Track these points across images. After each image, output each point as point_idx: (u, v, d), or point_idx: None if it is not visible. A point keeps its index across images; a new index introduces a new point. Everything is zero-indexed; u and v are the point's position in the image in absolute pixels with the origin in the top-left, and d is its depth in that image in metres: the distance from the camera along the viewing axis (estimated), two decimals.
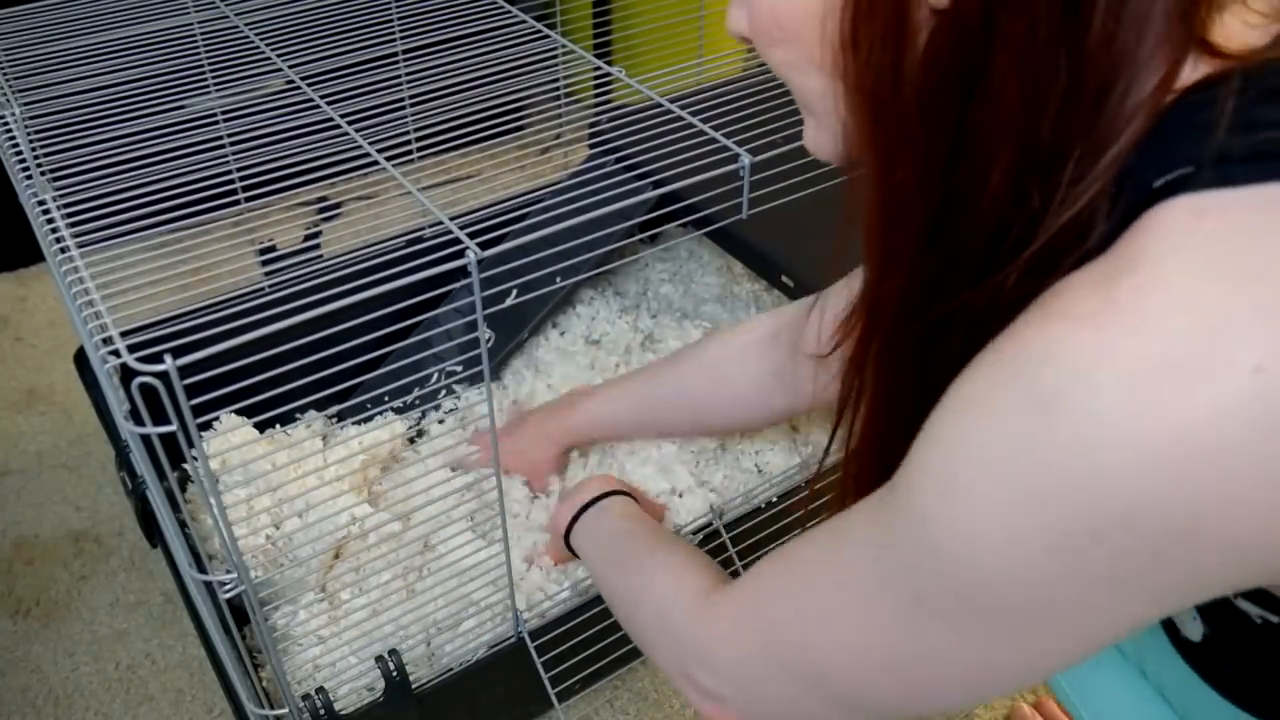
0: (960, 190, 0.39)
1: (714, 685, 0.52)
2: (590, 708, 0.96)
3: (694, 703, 0.54)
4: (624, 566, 0.69)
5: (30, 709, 0.98)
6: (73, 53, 0.96)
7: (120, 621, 1.06)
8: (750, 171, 0.67)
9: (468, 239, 0.60)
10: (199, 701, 0.99)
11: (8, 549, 1.14)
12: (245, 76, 0.97)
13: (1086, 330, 0.33)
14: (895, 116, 0.40)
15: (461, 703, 0.84)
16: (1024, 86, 0.36)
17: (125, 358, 0.51)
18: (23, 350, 1.43)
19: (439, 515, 0.80)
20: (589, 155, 1.19)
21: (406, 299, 0.59)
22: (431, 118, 1.01)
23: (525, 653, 0.82)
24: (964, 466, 0.35)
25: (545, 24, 1.00)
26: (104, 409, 1.01)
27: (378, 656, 0.75)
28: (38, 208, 0.69)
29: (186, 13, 1.02)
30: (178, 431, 0.52)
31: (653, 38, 1.38)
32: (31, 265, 1.57)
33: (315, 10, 1.06)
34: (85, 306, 0.59)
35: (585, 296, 1.20)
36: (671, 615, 0.57)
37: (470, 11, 1.07)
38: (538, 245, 0.68)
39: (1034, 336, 0.34)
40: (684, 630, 0.55)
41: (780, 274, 1.06)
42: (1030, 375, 0.33)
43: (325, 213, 1.56)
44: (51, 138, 0.85)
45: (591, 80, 1.59)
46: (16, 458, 1.25)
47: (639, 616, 0.62)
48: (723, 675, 0.51)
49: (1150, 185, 0.34)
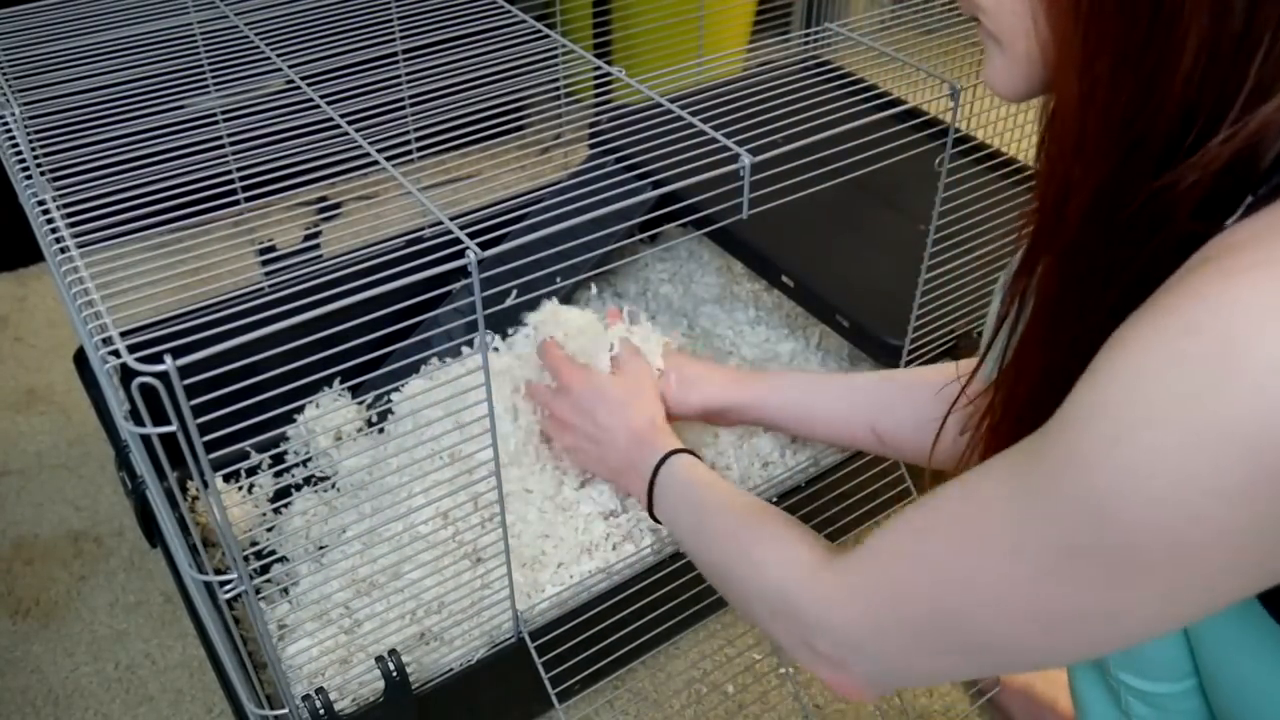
0: (1153, 72, 0.39)
1: (838, 653, 0.52)
2: (590, 708, 0.96)
3: (816, 671, 0.54)
4: (721, 540, 0.68)
5: (30, 709, 0.98)
6: (72, 53, 0.96)
7: (120, 622, 1.06)
8: (750, 171, 0.67)
9: (468, 239, 0.60)
10: (199, 701, 0.99)
11: (7, 549, 1.14)
12: (245, 76, 0.97)
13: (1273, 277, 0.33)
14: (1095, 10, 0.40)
15: (461, 703, 0.84)
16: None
17: (125, 358, 0.51)
18: (22, 350, 1.43)
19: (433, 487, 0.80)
20: (589, 155, 1.20)
21: (406, 299, 0.59)
22: (431, 118, 1.01)
23: (525, 653, 0.82)
24: (1139, 408, 0.35)
25: (545, 24, 1.00)
26: (104, 409, 1.01)
27: (378, 657, 0.75)
28: (37, 208, 0.68)
29: (186, 13, 1.02)
30: (178, 432, 0.52)
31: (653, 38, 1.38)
32: (31, 265, 1.57)
33: (315, 10, 1.06)
34: (85, 306, 0.59)
35: (585, 296, 1.20)
36: (789, 589, 0.57)
37: (470, 11, 1.07)
38: (538, 245, 0.68)
39: (1216, 279, 0.35)
40: (804, 603, 0.55)
41: (780, 274, 1.06)
42: (1213, 320, 0.34)
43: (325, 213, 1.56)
44: (51, 138, 0.85)
45: (591, 80, 1.59)
46: (16, 458, 1.25)
47: (749, 593, 0.62)
48: (848, 643, 0.51)
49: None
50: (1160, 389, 0.35)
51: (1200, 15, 0.38)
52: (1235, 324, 0.33)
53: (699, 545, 0.72)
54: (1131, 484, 0.35)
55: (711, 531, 0.70)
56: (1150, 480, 0.35)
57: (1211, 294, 0.35)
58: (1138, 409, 0.35)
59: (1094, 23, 0.41)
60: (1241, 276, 0.34)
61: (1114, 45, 0.40)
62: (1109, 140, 0.42)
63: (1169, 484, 0.35)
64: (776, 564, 0.59)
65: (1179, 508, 0.35)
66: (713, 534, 0.70)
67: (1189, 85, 0.39)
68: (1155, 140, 0.40)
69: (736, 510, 0.69)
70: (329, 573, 0.88)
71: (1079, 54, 0.42)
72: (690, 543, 0.74)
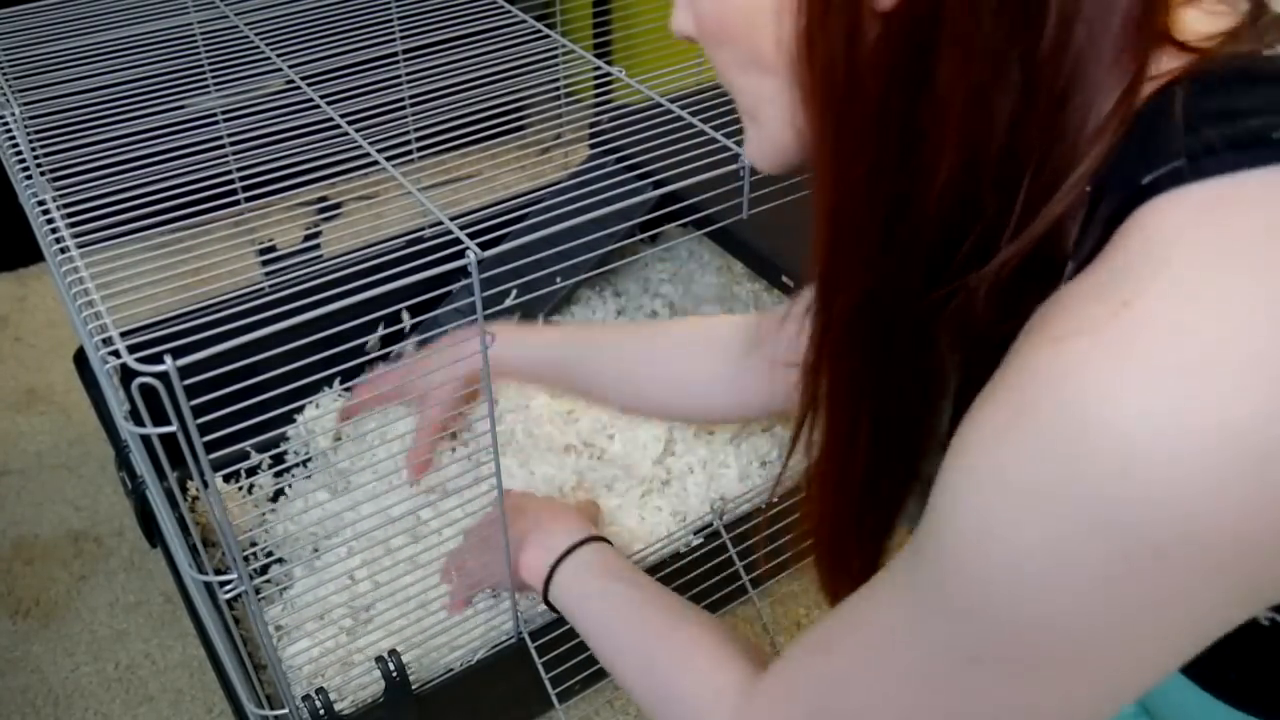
0: (909, 191, 0.38)
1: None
2: (590, 708, 0.96)
3: None
4: (636, 653, 0.64)
5: (30, 709, 0.98)
6: (72, 53, 0.96)
7: (120, 622, 1.06)
8: (750, 171, 0.67)
9: (468, 239, 0.60)
10: (199, 701, 0.99)
11: (7, 549, 1.14)
12: (245, 76, 0.97)
13: (1103, 343, 0.31)
14: (849, 115, 0.39)
15: (461, 703, 0.84)
16: (971, 91, 0.36)
17: (125, 358, 0.51)
18: (22, 350, 1.43)
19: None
20: (589, 155, 1.19)
21: (406, 299, 0.59)
22: (432, 118, 1.01)
23: (525, 653, 0.82)
24: (1000, 508, 0.33)
25: (545, 24, 1.00)
26: (104, 409, 1.01)
27: (378, 657, 0.75)
28: (37, 208, 0.69)
29: (186, 13, 1.02)
30: (178, 432, 0.52)
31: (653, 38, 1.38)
32: (31, 265, 1.57)
33: (315, 10, 1.06)
34: (85, 307, 0.59)
35: (585, 296, 1.20)
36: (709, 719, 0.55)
37: (470, 11, 1.07)
38: (538, 245, 0.68)
39: (1048, 358, 0.32)
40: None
41: (780, 274, 1.06)
42: (1055, 401, 0.31)
43: (325, 213, 1.56)
44: (51, 138, 0.85)
45: (591, 80, 1.59)
46: (16, 458, 1.25)
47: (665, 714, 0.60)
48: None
49: (1138, 183, 0.33)
50: (1013, 481, 0.32)
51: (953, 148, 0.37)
52: (1071, 397, 0.31)
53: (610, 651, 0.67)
54: (1008, 585, 0.33)
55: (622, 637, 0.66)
56: (1026, 578, 0.33)
57: (1041, 368, 0.32)
58: (996, 509, 0.33)
59: (846, 136, 0.40)
60: (1067, 344, 0.32)
61: (867, 158, 0.39)
62: (869, 255, 0.41)
63: (1045, 577, 0.32)
64: (694, 691, 0.57)
65: (1059, 598, 0.33)
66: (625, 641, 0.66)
67: (944, 207, 0.38)
68: (919, 256, 0.39)
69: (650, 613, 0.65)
70: (328, 573, 0.88)
71: (832, 163, 0.41)
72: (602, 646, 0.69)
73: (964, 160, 0.37)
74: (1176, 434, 0.30)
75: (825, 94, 0.40)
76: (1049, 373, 0.32)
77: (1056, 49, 0.34)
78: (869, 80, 0.38)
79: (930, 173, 0.37)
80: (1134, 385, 0.30)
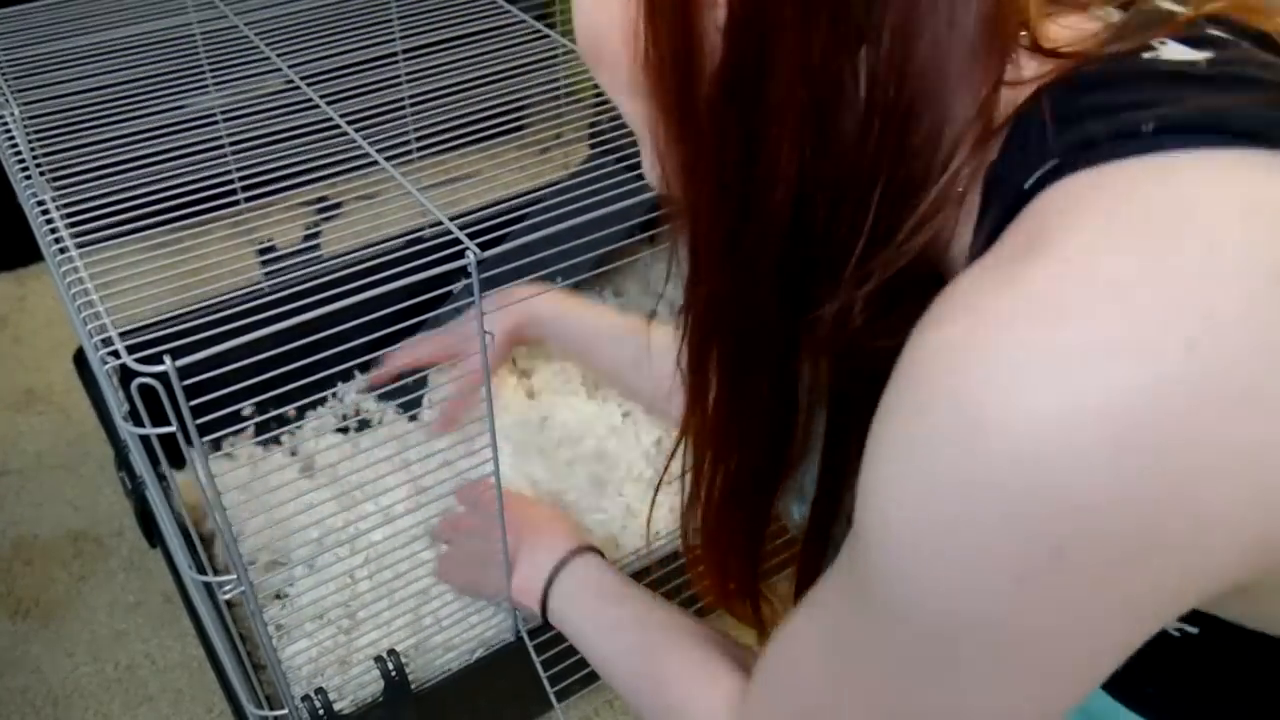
0: (751, 203, 0.39)
1: None
2: (590, 708, 0.96)
3: None
4: (631, 665, 0.65)
5: (30, 709, 0.98)
6: (72, 53, 0.96)
7: (119, 622, 1.06)
8: None
9: (468, 239, 0.60)
10: (198, 702, 0.99)
11: (7, 549, 1.14)
12: (245, 76, 0.97)
13: (992, 331, 0.30)
14: (692, 131, 0.40)
15: (461, 703, 0.84)
16: (804, 106, 0.36)
17: (125, 358, 0.51)
18: (22, 350, 1.43)
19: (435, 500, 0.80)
20: (589, 155, 1.19)
21: (406, 299, 0.59)
22: (431, 118, 1.01)
23: (525, 653, 0.82)
24: (901, 511, 0.32)
25: (545, 24, 1.00)
26: (103, 409, 1.01)
27: (377, 657, 0.75)
28: (37, 208, 0.69)
29: (186, 12, 1.02)
30: (177, 432, 0.52)
31: None
32: (31, 265, 1.57)
33: (315, 10, 1.06)
34: (85, 307, 0.59)
35: (585, 296, 1.20)
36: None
37: (470, 11, 1.07)
38: (538, 245, 0.68)
39: (936, 352, 0.32)
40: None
41: None
42: (946, 397, 0.31)
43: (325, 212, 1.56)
44: (51, 138, 0.85)
45: (591, 80, 1.59)
46: (15, 458, 1.25)
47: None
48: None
49: (1021, 187, 0.33)
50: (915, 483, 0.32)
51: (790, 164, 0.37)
52: (960, 393, 0.30)
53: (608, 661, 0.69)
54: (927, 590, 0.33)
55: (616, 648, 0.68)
56: (944, 582, 0.32)
57: (927, 357, 0.32)
58: (898, 521, 0.33)
59: (692, 147, 0.40)
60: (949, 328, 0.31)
61: (711, 171, 0.40)
62: (720, 265, 0.42)
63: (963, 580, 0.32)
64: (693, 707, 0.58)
65: (977, 601, 0.32)
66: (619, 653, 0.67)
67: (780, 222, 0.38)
68: (766, 268, 0.40)
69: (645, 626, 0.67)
70: (328, 573, 0.88)
71: (682, 179, 0.42)
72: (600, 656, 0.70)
73: (801, 174, 0.37)
74: (1067, 429, 0.28)
75: (669, 110, 0.40)
76: (939, 367, 0.31)
77: (894, 67, 0.34)
78: (710, 91, 0.38)
79: (768, 185, 0.38)
80: (1025, 377, 0.29)
